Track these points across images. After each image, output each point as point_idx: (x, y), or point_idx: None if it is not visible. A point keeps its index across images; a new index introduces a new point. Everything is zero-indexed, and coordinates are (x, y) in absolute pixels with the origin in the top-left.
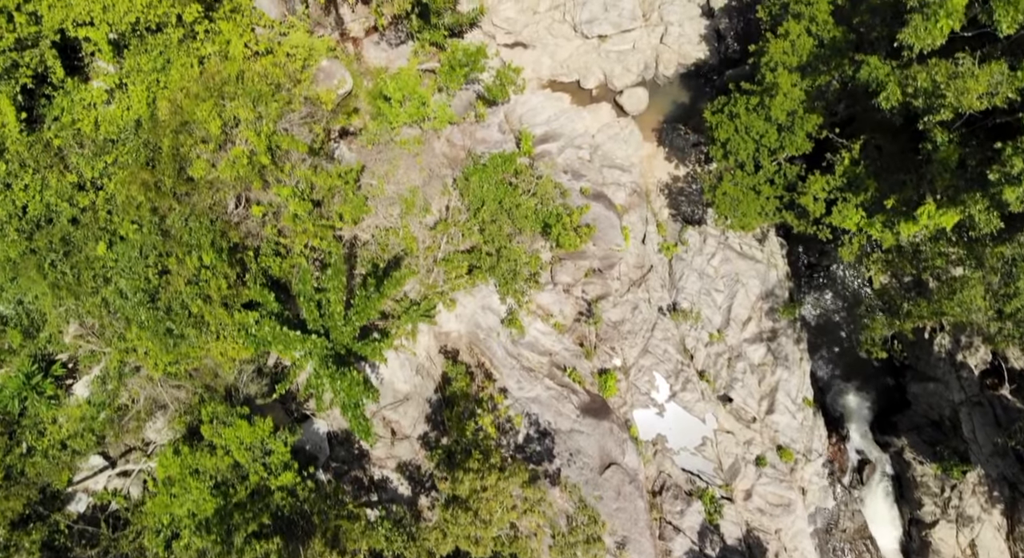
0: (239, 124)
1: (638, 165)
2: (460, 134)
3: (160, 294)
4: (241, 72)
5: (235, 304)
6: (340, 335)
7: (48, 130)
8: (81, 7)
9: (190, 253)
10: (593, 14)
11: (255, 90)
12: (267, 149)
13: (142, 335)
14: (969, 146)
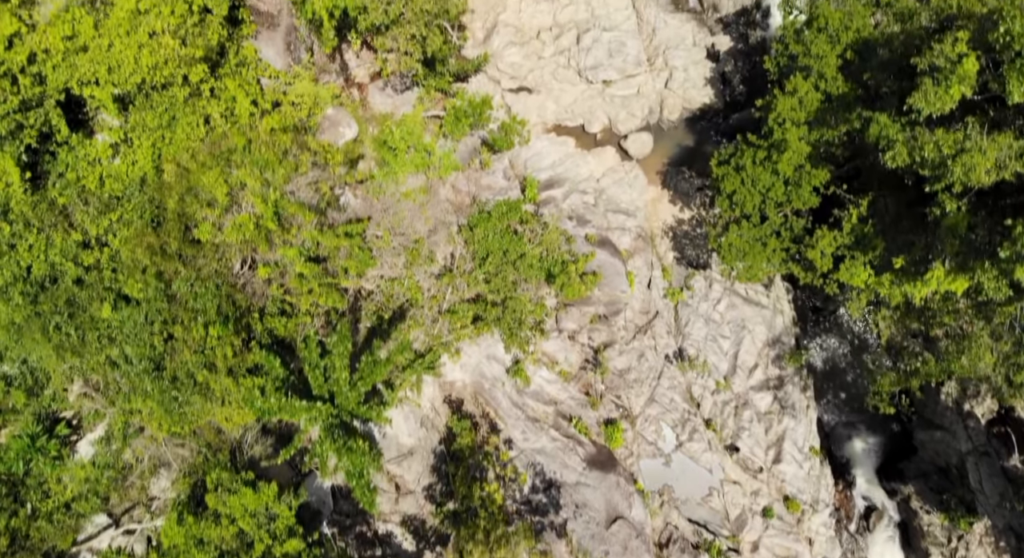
0: (245, 187)
1: (643, 209)
2: (465, 180)
3: (165, 361)
4: (248, 141)
5: (240, 370)
6: (345, 400)
7: (53, 188)
8: (86, 68)
9: (195, 319)
10: (598, 60)
11: (262, 159)
12: (274, 215)
13: (147, 403)
14: (978, 214)
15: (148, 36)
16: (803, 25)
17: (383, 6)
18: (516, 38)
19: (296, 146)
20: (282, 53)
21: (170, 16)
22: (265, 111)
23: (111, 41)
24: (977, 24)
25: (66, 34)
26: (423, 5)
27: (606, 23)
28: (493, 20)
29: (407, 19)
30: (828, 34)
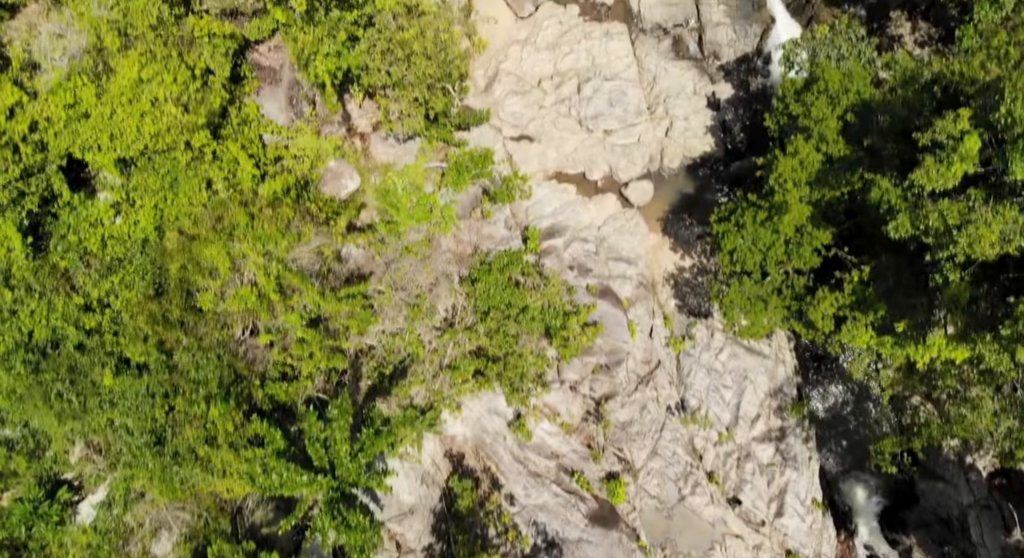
0: (247, 258)
1: (644, 256)
2: (467, 230)
3: (167, 433)
4: (250, 216)
5: (241, 441)
6: (346, 472)
7: (54, 251)
8: (88, 135)
9: (197, 391)
10: (598, 109)
11: (264, 235)
12: (276, 286)
13: (148, 477)
14: (981, 286)
15: (150, 104)
16: (803, 86)
17: (385, 68)
18: (517, 87)
19: (298, 216)
20: (284, 108)
21: (172, 84)
22: (267, 173)
23: (113, 109)
24: (979, 98)
25: (68, 102)
26: (425, 69)
27: (607, 72)
28: (495, 68)
29: (409, 82)
30: (828, 95)
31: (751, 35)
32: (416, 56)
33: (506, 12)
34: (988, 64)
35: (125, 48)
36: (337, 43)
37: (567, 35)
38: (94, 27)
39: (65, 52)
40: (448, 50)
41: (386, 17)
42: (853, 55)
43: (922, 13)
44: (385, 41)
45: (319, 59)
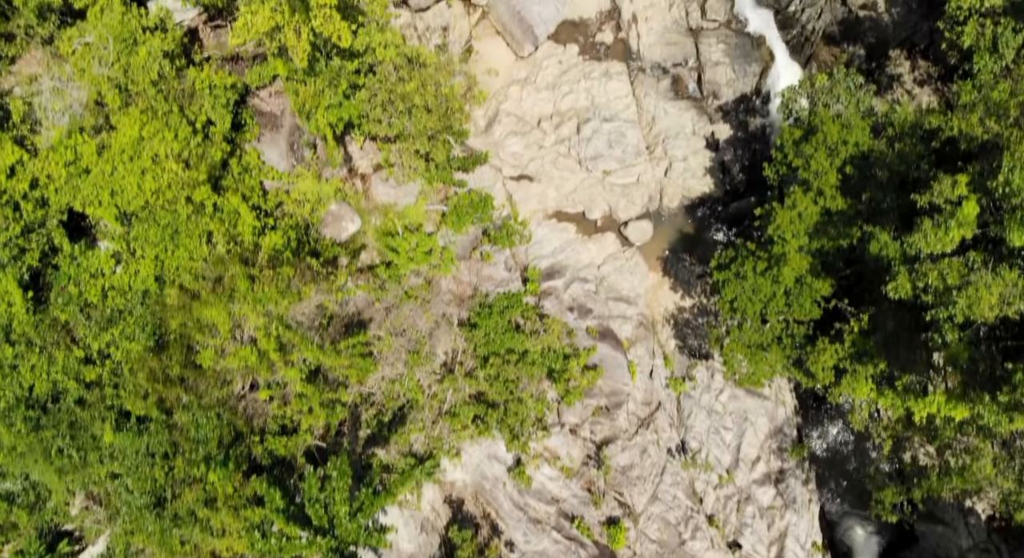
0: (247, 317)
1: (644, 296)
2: (467, 270)
3: (166, 493)
4: (251, 279)
5: (240, 502)
6: (345, 532)
7: (55, 304)
8: (89, 191)
9: (197, 450)
10: (598, 150)
11: (264, 297)
12: (276, 346)
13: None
14: (981, 347)
15: (151, 161)
16: (802, 136)
17: (386, 119)
18: (517, 127)
19: (298, 275)
20: (285, 155)
21: (173, 141)
22: (267, 225)
23: (114, 166)
24: (977, 163)
25: (68, 159)
26: (426, 123)
27: (606, 112)
28: (495, 109)
29: (410, 134)
30: (827, 147)
31: (750, 75)
32: (417, 109)
33: (506, 52)
34: (987, 121)
35: (126, 105)
36: (338, 94)
37: (567, 75)
38: (95, 85)
39: (66, 110)
40: (449, 103)
41: (387, 68)
42: (852, 104)
43: (921, 52)
44: (386, 93)
45: (320, 112)
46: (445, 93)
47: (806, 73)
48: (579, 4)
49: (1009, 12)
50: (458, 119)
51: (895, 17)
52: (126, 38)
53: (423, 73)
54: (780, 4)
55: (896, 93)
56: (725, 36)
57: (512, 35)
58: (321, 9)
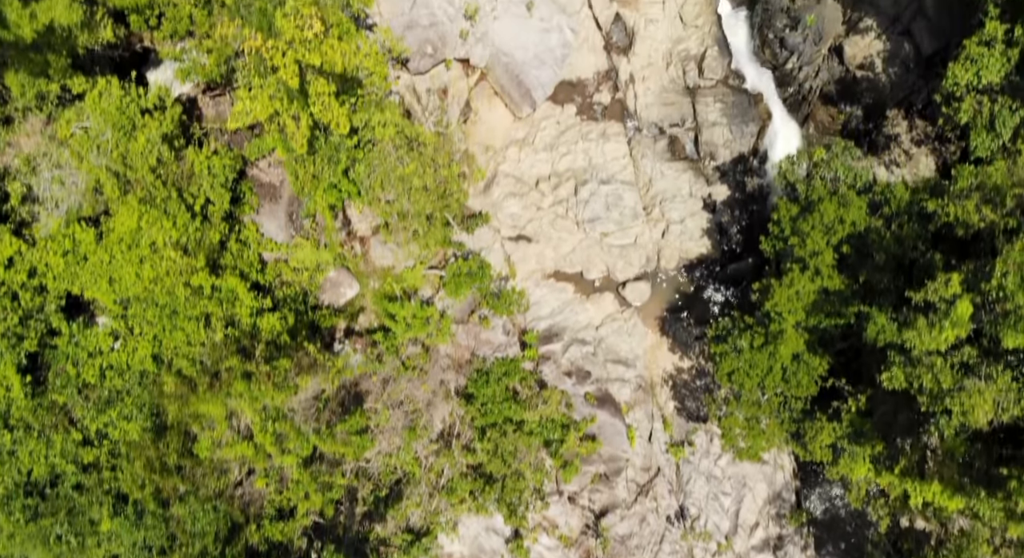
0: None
1: (642, 357)
2: (464, 334)
3: None
4: (248, 375)
5: None
6: None
7: (53, 387)
8: (87, 278)
9: (193, 544)
10: (595, 213)
11: (261, 394)
12: (273, 440)
13: None
14: (976, 445)
15: (150, 249)
16: (799, 213)
17: (384, 197)
18: (516, 189)
19: (294, 367)
20: (284, 226)
21: (171, 229)
22: (265, 307)
23: (112, 255)
24: (972, 261)
25: (66, 248)
26: (424, 204)
27: (603, 174)
28: (493, 170)
29: (408, 212)
30: (824, 226)
31: (747, 135)
32: (416, 190)
33: (504, 112)
34: (983, 209)
35: (124, 193)
36: (337, 173)
37: (564, 135)
38: (93, 174)
39: (64, 200)
40: (448, 184)
41: (386, 146)
42: (849, 177)
43: (919, 111)
44: (385, 172)
45: (319, 193)
46: (444, 175)
47: (804, 139)
48: (577, 65)
49: (1006, 91)
50: (456, 198)
51: (892, 77)
52: (124, 125)
53: (422, 155)
54: (777, 61)
55: (894, 153)
56: (722, 94)
57: (510, 97)
58: (319, 97)
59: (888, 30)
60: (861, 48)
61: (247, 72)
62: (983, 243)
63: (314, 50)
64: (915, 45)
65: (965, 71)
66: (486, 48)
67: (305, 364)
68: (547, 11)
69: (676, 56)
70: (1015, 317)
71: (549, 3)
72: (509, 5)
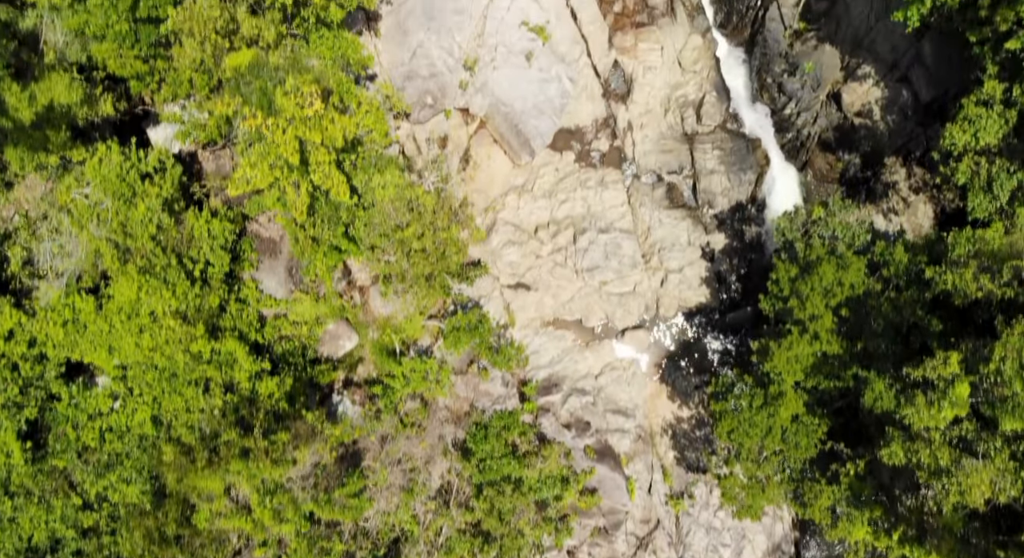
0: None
1: (642, 407)
2: (463, 385)
3: None
4: (245, 450)
5: None
6: None
7: (53, 452)
8: (86, 347)
9: None
10: (594, 261)
11: (259, 471)
12: (272, 515)
13: None
14: (974, 522)
15: (149, 318)
16: (797, 274)
17: (384, 259)
18: (515, 236)
19: (293, 440)
20: (284, 281)
21: (171, 298)
22: (264, 371)
23: (111, 324)
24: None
25: (66, 318)
26: (424, 267)
27: (602, 222)
28: (492, 217)
29: (408, 274)
30: (823, 288)
31: (745, 183)
32: (415, 253)
33: (504, 159)
34: (981, 278)
35: (124, 263)
36: (337, 234)
37: (563, 183)
38: (94, 245)
39: (63, 273)
40: (447, 247)
41: (386, 208)
42: (847, 237)
43: (917, 159)
44: (384, 236)
45: (319, 258)
46: (443, 237)
47: (802, 186)
48: (575, 112)
49: (1004, 153)
50: (456, 260)
51: (891, 124)
52: (124, 193)
53: (421, 216)
54: (776, 106)
55: (892, 201)
56: (720, 140)
57: (509, 145)
58: (320, 165)
59: (886, 77)
60: (859, 95)
61: (247, 141)
62: (981, 311)
63: (314, 127)
64: (913, 92)
65: (963, 132)
66: (485, 98)
67: (303, 433)
68: (546, 61)
69: (674, 102)
70: (1012, 403)
71: (548, 53)
72: (508, 55)
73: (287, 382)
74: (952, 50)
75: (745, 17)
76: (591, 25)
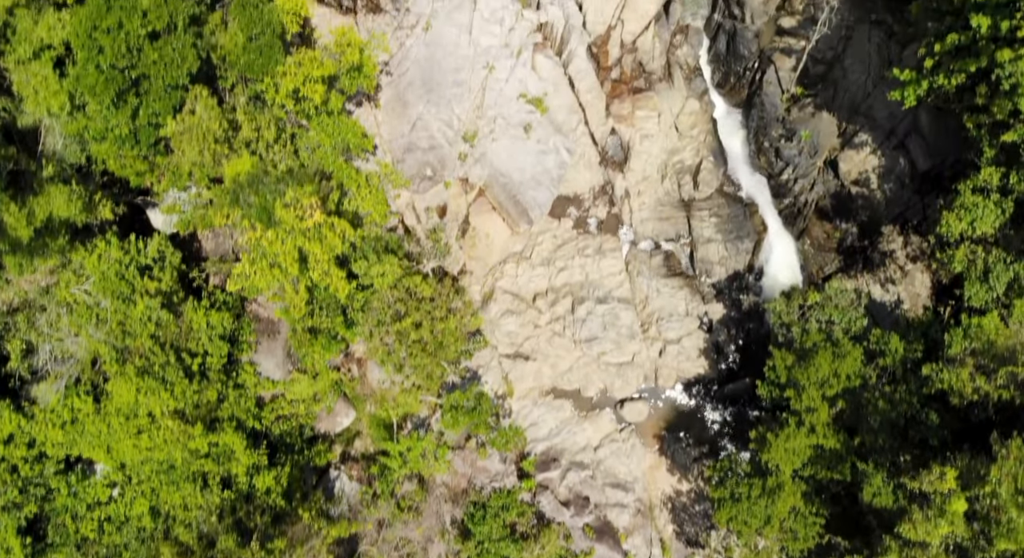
0: None
1: (641, 479)
2: (461, 461)
3: None
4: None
5: None
6: None
7: (53, 547)
8: (84, 446)
9: None
10: (593, 332)
11: None
12: None
13: None
14: None
15: (148, 419)
16: (794, 362)
17: (381, 346)
18: (513, 306)
19: (289, 545)
20: (282, 363)
21: (170, 399)
22: (262, 465)
23: (110, 425)
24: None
25: (65, 420)
26: (422, 360)
27: (600, 291)
28: (491, 285)
29: (405, 364)
30: (820, 380)
31: (742, 252)
32: (413, 344)
33: (502, 226)
34: (977, 378)
35: (122, 363)
36: (335, 323)
37: (561, 250)
38: (92, 347)
39: (62, 376)
40: (445, 337)
41: (385, 295)
42: (843, 322)
43: (914, 227)
44: (383, 327)
45: (316, 350)
46: (441, 328)
47: (799, 254)
48: (573, 180)
49: (1000, 243)
50: (454, 350)
51: (888, 193)
52: (123, 291)
53: (420, 307)
54: (773, 170)
55: (889, 270)
56: (717, 206)
57: (508, 213)
58: (319, 263)
59: (883, 144)
60: (856, 163)
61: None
62: (978, 410)
63: (314, 238)
64: (910, 160)
65: (959, 220)
66: (484, 168)
67: (300, 533)
68: (544, 132)
69: (671, 168)
70: (1007, 527)
71: (546, 124)
72: (507, 127)
73: (284, 475)
74: (950, 120)
75: (742, 78)
76: (589, 93)
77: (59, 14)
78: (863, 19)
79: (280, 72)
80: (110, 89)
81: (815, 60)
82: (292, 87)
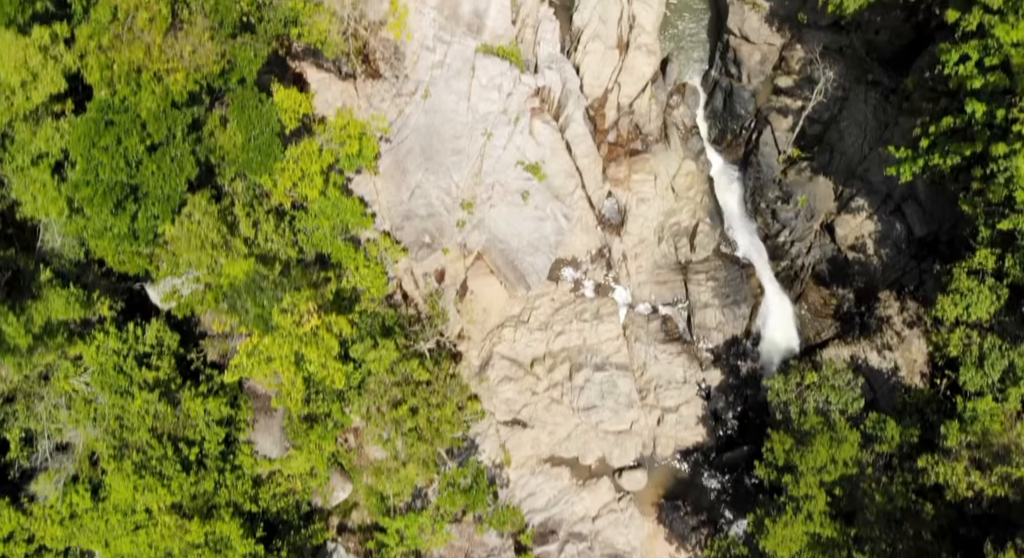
0: None
1: (639, 549)
2: (459, 534)
3: None
4: None
5: None
6: None
7: None
8: (83, 540)
9: None
10: (590, 401)
11: None
12: None
13: None
14: None
15: (145, 514)
16: (791, 446)
17: (378, 432)
18: (510, 372)
19: None
20: (279, 440)
21: (167, 495)
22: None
23: (108, 522)
24: None
25: (64, 515)
26: (419, 448)
27: (598, 357)
28: (489, 351)
29: (401, 454)
30: (817, 467)
31: (739, 317)
32: (410, 432)
33: (500, 290)
34: (972, 473)
35: (120, 460)
36: (334, 409)
37: (559, 313)
38: (90, 443)
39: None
40: (441, 426)
41: (382, 379)
42: (840, 403)
43: (911, 293)
44: (379, 413)
45: (314, 441)
46: (437, 415)
47: (796, 319)
48: (570, 243)
49: (996, 330)
50: (450, 436)
51: (884, 258)
52: (121, 385)
53: (416, 394)
54: (769, 230)
55: (886, 336)
56: (714, 269)
57: (506, 278)
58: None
59: (880, 209)
60: (853, 227)
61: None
62: (973, 505)
63: (310, 343)
64: (907, 226)
65: (954, 306)
66: (482, 234)
67: None
68: (542, 199)
69: (668, 231)
70: None
71: (543, 191)
72: (505, 194)
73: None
74: (946, 188)
75: (739, 136)
76: (586, 158)
77: (57, 123)
78: (860, 79)
79: (279, 168)
80: (108, 201)
81: (811, 120)
82: (290, 184)
